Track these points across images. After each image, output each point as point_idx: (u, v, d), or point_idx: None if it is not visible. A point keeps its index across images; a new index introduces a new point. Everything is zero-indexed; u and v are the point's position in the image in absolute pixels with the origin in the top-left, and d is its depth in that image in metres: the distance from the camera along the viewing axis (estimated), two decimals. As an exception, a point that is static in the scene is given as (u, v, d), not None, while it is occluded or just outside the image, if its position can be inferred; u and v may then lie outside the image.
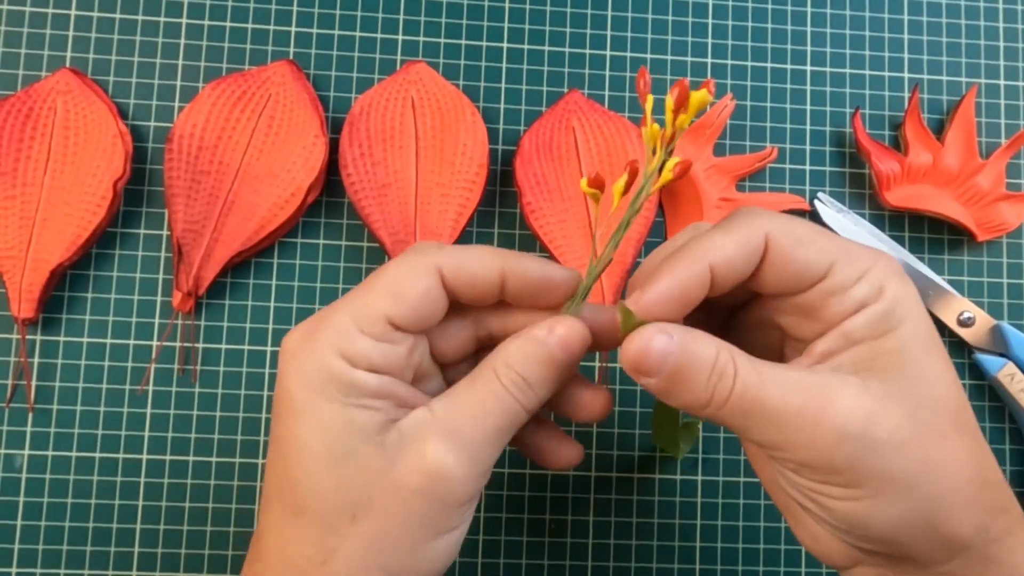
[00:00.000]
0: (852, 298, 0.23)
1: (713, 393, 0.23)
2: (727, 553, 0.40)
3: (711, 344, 0.23)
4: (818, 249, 0.23)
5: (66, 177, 0.38)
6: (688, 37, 0.43)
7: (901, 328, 0.23)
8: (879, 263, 0.23)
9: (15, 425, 0.38)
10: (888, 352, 0.23)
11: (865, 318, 0.23)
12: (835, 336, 0.23)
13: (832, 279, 0.23)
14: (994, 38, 0.45)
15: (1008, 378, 0.41)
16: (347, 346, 0.23)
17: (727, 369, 0.23)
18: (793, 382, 0.23)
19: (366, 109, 0.40)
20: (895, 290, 0.23)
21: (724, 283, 0.24)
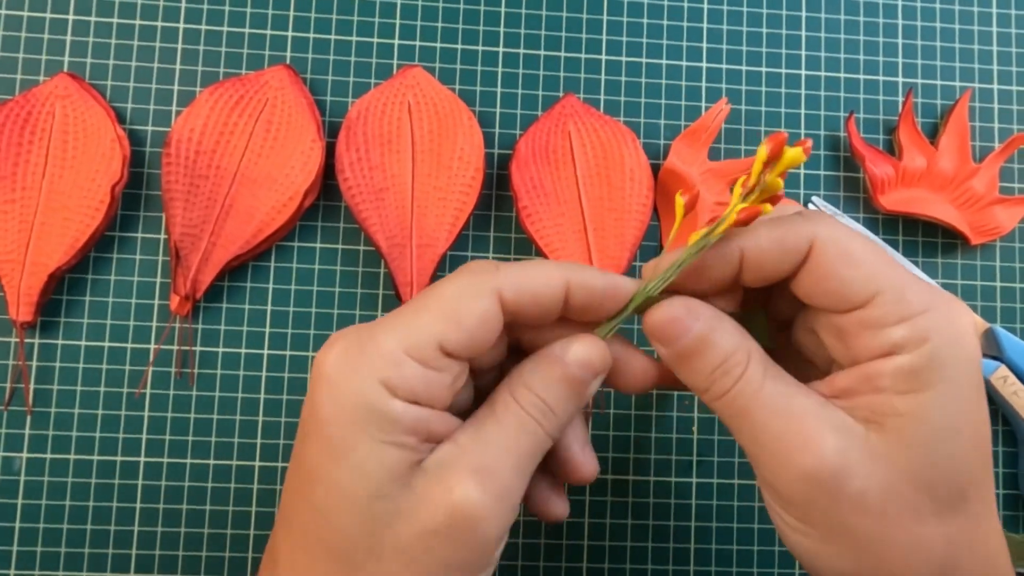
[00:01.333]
0: (887, 339, 0.21)
1: (711, 386, 0.23)
2: (721, 555, 0.40)
3: (733, 338, 0.23)
4: (865, 273, 0.22)
5: (64, 181, 0.39)
6: (683, 42, 0.43)
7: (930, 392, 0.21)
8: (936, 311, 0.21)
9: (13, 428, 0.38)
10: (905, 415, 0.21)
11: (893, 367, 0.21)
12: (857, 375, 0.22)
13: (871, 311, 0.21)
14: (988, 43, 0.45)
15: (1001, 381, 0.41)
16: (391, 373, 0.22)
17: (735, 369, 0.22)
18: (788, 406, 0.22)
19: (363, 113, 0.40)
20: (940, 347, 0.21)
21: (755, 272, 0.23)
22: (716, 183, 0.42)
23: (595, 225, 0.40)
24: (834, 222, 0.23)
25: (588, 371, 0.24)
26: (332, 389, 0.22)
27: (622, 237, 0.40)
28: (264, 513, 0.39)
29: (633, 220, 0.40)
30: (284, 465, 0.39)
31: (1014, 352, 0.41)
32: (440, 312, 0.22)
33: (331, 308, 0.40)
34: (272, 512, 0.39)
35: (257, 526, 0.39)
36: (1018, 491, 0.42)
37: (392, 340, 0.22)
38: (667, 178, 0.42)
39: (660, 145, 0.43)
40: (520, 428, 0.23)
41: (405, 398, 0.22)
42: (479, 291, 0.23)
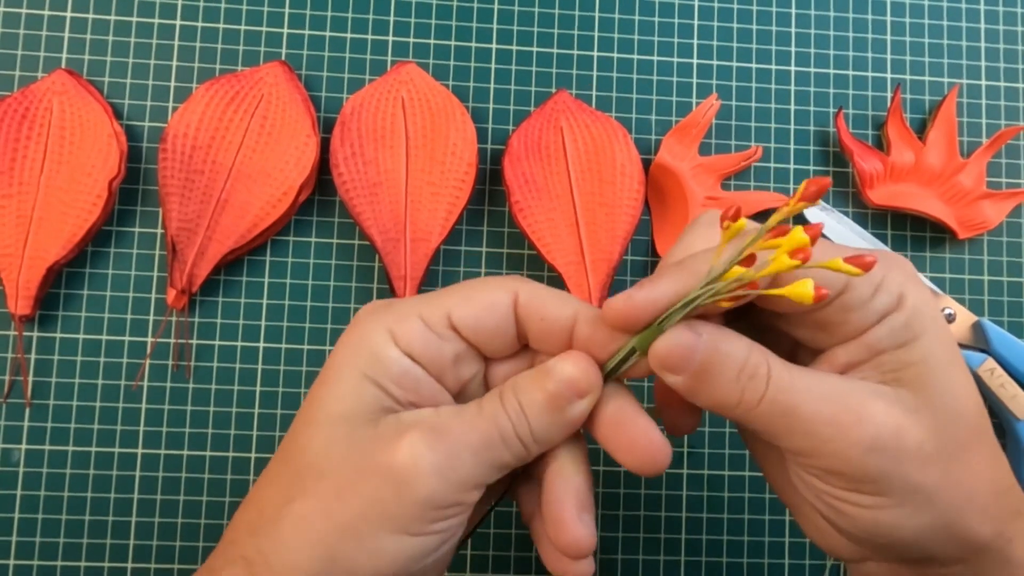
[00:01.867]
0: (872, 311, 0.23)
1: (743, 394, 0.22)
2: (712, 545, 0.41)
3: (743, 344, 0.23)
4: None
5: (62, 176, 0.39)
6: (674, 38, 0.44)
7: (924, 337, 0.23)
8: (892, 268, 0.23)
9: (12, 420, 0.39)
10: (914, 363, 0.23)
11: (888, 328, 0.23)
12: (857, 347, 0.23)
13: (850, 294, 0.23)
14: (975, 39, 0.45)
15: (988, 373, 0.42)
16: (398, 325, 0.24)
17: (759, 370, 0.22)
18: (827, 389, 0.22)
19: (357, 109, 0.41)
20: (914, 297, 0.23)
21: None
22: (707, 178, 0.42)
23: (587, 219, 0.41)
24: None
25: (569, 389, 0.24)
26: (350, 330, 0.25)
27: (613, 231, 0.41)
28: (260, 504, 0.39)
29: (624, 215, 0.41)
30: (280, 456, 0.40)
31: (1001, 345, 0.42)
32: (457, 291, 0.25)
33: (326, 302, 0.41)
34: (268, 503, 0.39)
35: (253, 517, 0.39)
36: (1005, 482, 0.42)
37: (411, 303, 0.25)
38: (658, 173, 0.42)
39: (651, 140, 0.43)
40: (493, 421, 0.23)
41: (403, 349, 0.24)
42: (498, 285, 0.25)
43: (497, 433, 0.23)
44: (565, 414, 0.24)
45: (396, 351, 0.24)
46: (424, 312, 0.24)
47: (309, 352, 0.40)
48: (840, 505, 0.23)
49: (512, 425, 0.24)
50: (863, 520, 0.23)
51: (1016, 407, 0.41)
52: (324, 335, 0.40)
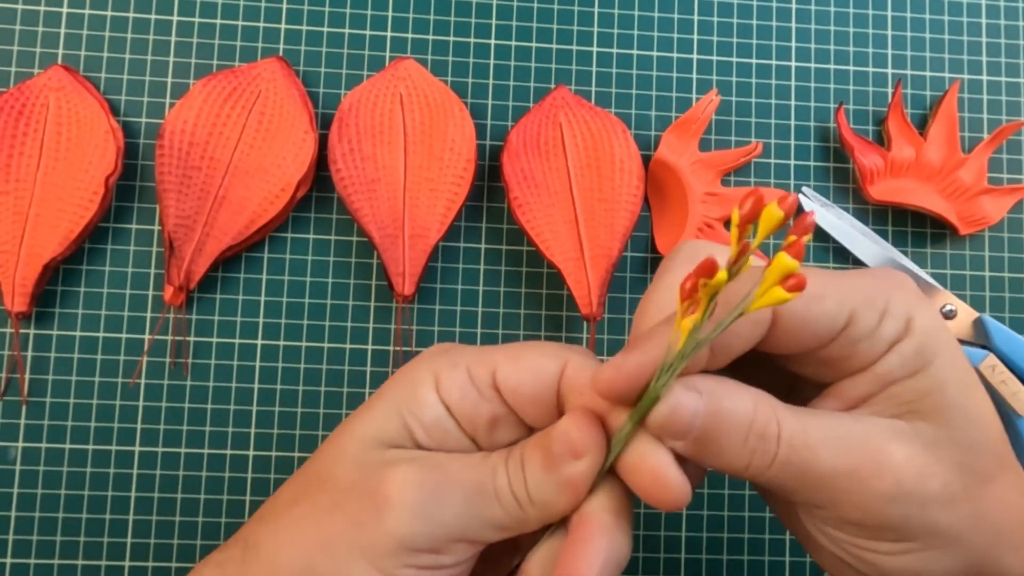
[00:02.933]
0: (880, 339, 0.21)
1: (753, 456, 0.21)
2: (712, 542, 0.41)
3: (748, 399, 0.21)
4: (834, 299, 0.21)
5: (58, 173, 0.39)
6: (674, 33, 0.44)
7: (937, 362, 0.21)
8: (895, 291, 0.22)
9: (9, 418, 0.39)
10: (930, 392, 0.21)
11: (899, 357, 0.21)
12: (867, 379, 0.22)
13: (855, 326, 0.21)
14: (976, 34, 0.45)
15: (990, 369, 0.41)
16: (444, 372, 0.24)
17: (769, 429, 0.21)
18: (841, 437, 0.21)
19: (355, 105, 0.40)
20: (923, 320, 0.21)
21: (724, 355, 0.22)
22: (706, 174, 0.42)
23: (586, 216, 0.41)
24: None
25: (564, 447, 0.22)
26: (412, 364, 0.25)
27: (612, 227, 0.40)
28: (258, 502, 0.39)
29: (623, 211, 0.41)
30: (278, 454, 0.39)
31: (1002, 341, 0.41)
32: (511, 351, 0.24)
33: (324, 298, 0.41)
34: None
35: (252, 514, 0.39)
36: (1006, 479, 0.42)
37: (469, 352, 0.24)
38: (657, 169, 0.42)
39: (651, 136, 0.43)
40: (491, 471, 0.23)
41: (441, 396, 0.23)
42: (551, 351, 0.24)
43: (491, 482, 0.22)
44: (561, 474, 0.22)
45: (433, 396, 0.23)
46: (472, 365, 0.24)
47: (307, 349, 0.40)
48: (863, 554, 0.22)
49: (508, 479, 0.22)
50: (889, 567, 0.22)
51: (1017, 404, 0.41)
52: (322, 332, 0.40)
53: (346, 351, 0.40)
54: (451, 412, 0.24)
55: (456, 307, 0.41)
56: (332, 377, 0.40)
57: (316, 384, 0.40)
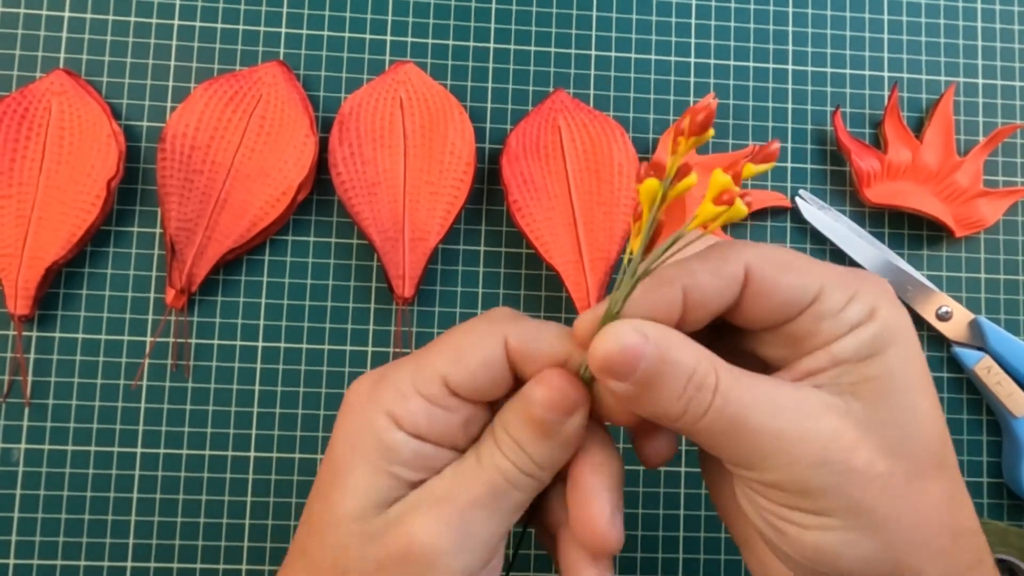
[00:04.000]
0: (844, 320, 0.22)
1: (688, 407, 0.21)
2: (709, 543, 0.41)
3: (692, 350, 0.21)
4: (806, 273, 0.22)
5: (61, 176, 0.39)
6: (672, 37, 0.44)
7: (889, 352, 0.22)
8: (868, 284, 0.22)
9: (12, 420, 0.39)
10: (875, 377, 0.22)
11: (856, 340, 0.22)
12: (821, 356, 0.22)
13: (823, 303, 0.22)
14: (972, 37, 0.45)
15: (985, 371, 0.42)
16: (398, 406, 0.23)
17: (707, 380, 0.21)
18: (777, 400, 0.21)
19: (355, 109, 0.41)
20: (887, 312, 0.22)
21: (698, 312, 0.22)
22: (704, 177, 0.42)
23: (584, 218, 0.41)
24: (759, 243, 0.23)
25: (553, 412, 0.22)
26: (346, 416, 0.24)
27: (611, 230, 0.41)
28: (259, 503, 0.39)
29: (622, 213, 0.41)
30: (279, 455, 0.40)
31: (998, 343, 0.42)
32: (448, 351, 0.23)
33: (324, 301, 0.41)
34: (267, 502, 0.39)
35: (252, 516, 0.39)
36: (1002, 479, 0.42)
37: (405, 375, 0.23)
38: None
39: (649, 139, 0.43)
40: (494, 468, 0.23)
41: (409, 431, 0.23)
42: (486, 335, 0.23)
43: (501, 479, 0.23)
44: (560, 436, 0.23)
45: (402, 435, 0.23)
46: (420, 386, 0.23)
47: (308, 351, 0.40)
48: (782, 525, 0.22)
49: (513, 464, 0.23)
50: (805, 543, 0.22)
51: (1013, 405, 0.41)
52: (322, 334, 0.41)
53: (346, 353, 0.41)
54: (424, 439, 0.23)
55: (456, 309, 0.41)
56: (332, 379, 0.40)
57: (317, 386, 0.40)
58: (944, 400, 0.43)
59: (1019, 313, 0.44)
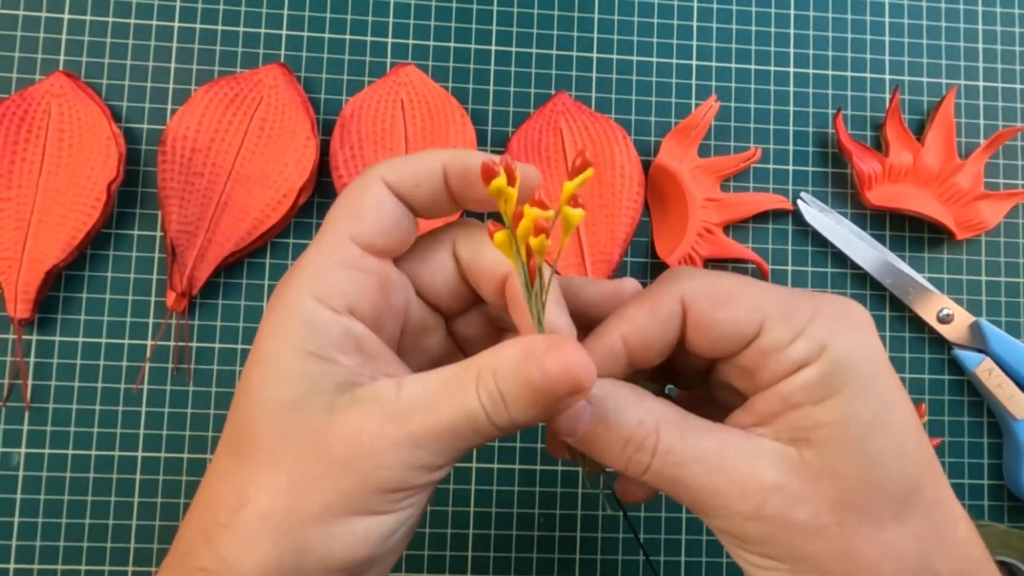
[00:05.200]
0: (789, 358, 0.21)
1: (628, 464, 0.22)
2: (712, 546, 0.41)
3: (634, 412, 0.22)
4: (744, 306, 0.22)
5: (61, 179, 0.39)
6: (673, 40, 0.44)
7: (844, 393, 0.21)
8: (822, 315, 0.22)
9: (12, 424, 0.39)
10: (828, 423, 0.21)
11: (801, 381, 0.21)
12: (771, 398, 0.22)
13: (765, 338, 0.22)
14: (973, 40, 0.46)
15: (986, 373, 0.42)
16: (318, 282, 0.22)
17: (646, 442, 0.22)
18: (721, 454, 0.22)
19: (357, 111, 0.41)
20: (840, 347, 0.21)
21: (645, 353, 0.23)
22: (706, 179, 0.42)
23: (586, 221, 0.41)
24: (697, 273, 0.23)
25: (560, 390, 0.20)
26: (271, 309, 0.23)
27: (613, 233, 0.41)
28: (261, 506, 0.39)
29: (624, 216, 0.41)
30: (280, 459, 0.40)
31: (998, 345, 0.42)
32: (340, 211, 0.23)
33: (326, 304, 0.41)
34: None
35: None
36: (1002, 481, 0.43)
37: (313, 252, 0.23)
38: (657, 175, 0.42)
39: (651, 142, 0.43)
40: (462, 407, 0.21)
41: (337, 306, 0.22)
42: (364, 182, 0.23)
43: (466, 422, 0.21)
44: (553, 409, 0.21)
45: (328, 312, 0.22)
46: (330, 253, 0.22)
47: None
48: (740, 562, 0.23)
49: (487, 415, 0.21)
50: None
51: (1014, 407, 0.41)
52: (324, 337, 0.40)
53: (348, 356, 0.40)
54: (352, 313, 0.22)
55: (457, 312, 0.41)
56: (334, 382, 0.40)
57: (318, 389, 0.40)
58: (945, 402, 0.43)
59: (1020, 315, 0.44)
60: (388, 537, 0.22)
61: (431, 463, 0.21)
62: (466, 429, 0.21)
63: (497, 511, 0.40)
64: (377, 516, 0.21)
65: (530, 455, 0.41)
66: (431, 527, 0.40)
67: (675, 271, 0.24)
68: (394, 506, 0.21)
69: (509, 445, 0.41)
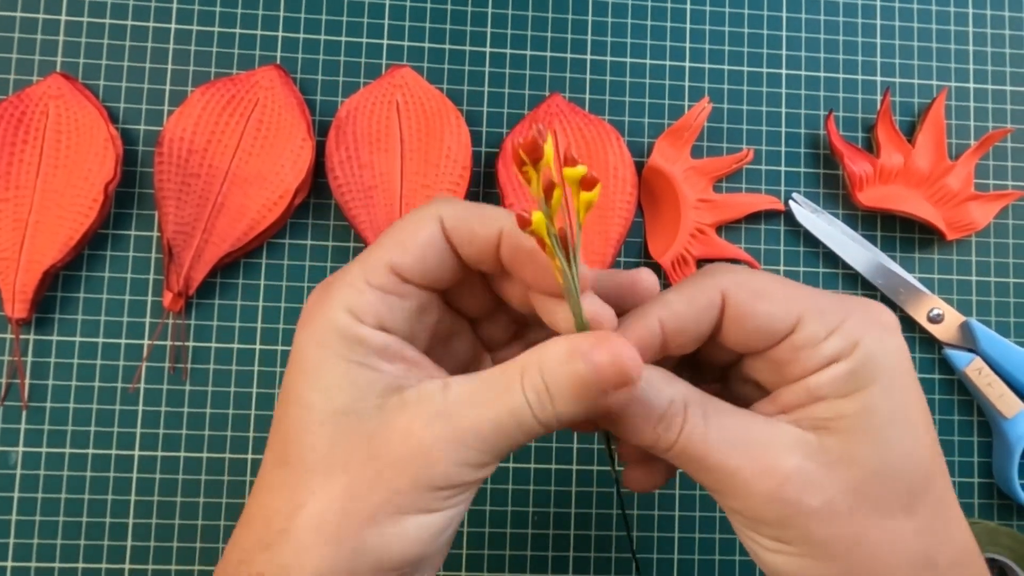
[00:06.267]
0: (821, 354, 0.22)
1: (657, 441, 0.23)
2: (704, 543, 0.41)
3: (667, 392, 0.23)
4: (782, 302, 0.23)
5: (58, 180, 0.39)
6: (666, 41, 0.44)
7: (871, 388, 0.22)
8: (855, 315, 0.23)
9: (9, 423, 0.39)
10: (852, 415, 0.22)
11: (831, 375, 0.22)
12: (799, 390, 0.23)
13: (800, 333, 0.23)
14: (964, 42, 0.46)
15: (976, 372, 0.42)
16: (354, 300, 0.23)
17: (675, 419, 0.23)
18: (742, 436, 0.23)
19: (352, 113, 0.41)
20: (870, 346, 0.22)
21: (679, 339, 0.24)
22: (699, 180, 0.43)
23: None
24: (738, 269, 0.24)
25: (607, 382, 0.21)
26: (306, 321, 0.23)
27: (606, 234, 0.41)
28: (257, 505, 0.39)
29: (617, 217, 0.41)
30: (276, 458, 0.40)
31: (988, 344, 0.42)
32: (389, 240, 0.24)
33: (322, 304, 0.41)
34: (265, 504, 0.40)
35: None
36: (992, 480, 0.43)
37: (356, 271, 0.23)
38: (650, 176, 0.43)
39: (644, 143, 0.44)
40: (507, 405, 0.22)
41: (372, 324, 0.23)
42: (421, 217, 0.24)
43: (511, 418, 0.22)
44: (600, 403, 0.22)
45: (366, 328, 0.22)
46: (370, 277, 0.23)
47: (305, 354, 0.41)
48: (749, 544, 0.24)
49: (531, 408, 0.22)
50: (767, 563, 0.23)
51: (1003, 406, 0.42)
52: (320, 337, 0.41)
53: (344, 356, 0.41)
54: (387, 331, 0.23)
55: (452, 312, 0.42)
56: (330, 381, 0.41)
57: (314, 388, 0.40)
58: (935, 401, 0.43)
59: (1010, 315, 0.44)
60: (439, 536, 0.22)
61: (478, 460, 0.22)
62: (511, 425, 0.22)
63: (491, 509, 0.41)
64: (428, 515, 0.22)
65: (525, 454, 0.41)
66: (426, 525, 0.40)
67: (715, 266, 0.24)
68: (444, 504, 0.22)
69: (503, 444, 0.41)
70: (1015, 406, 0.42)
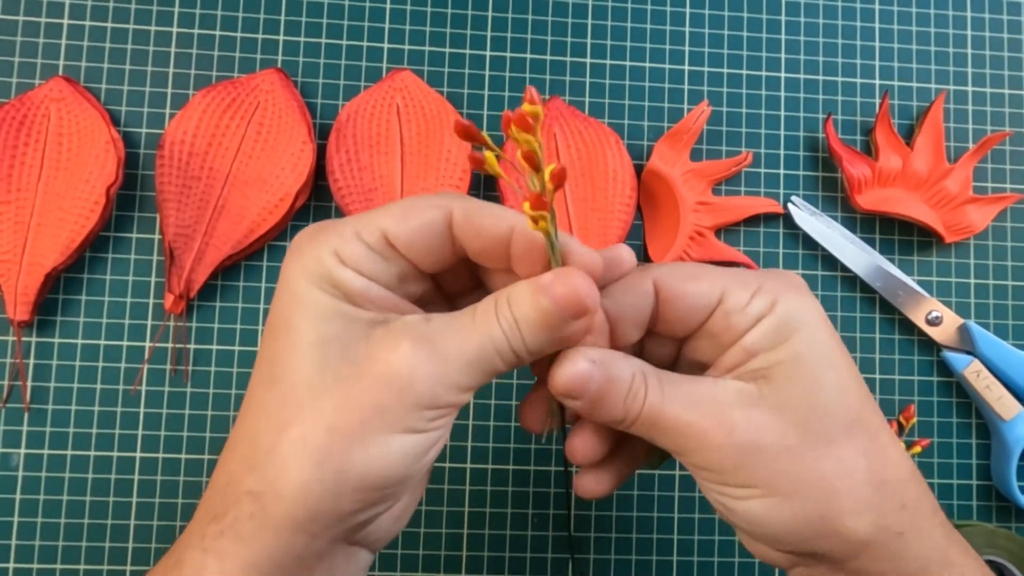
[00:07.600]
0: (748, 314, 0.25)
1: (627, 413, 0.25)
2: (703, 545, 0.41)
3: (628, 367, 0.25)
4: (707, 279, 0.26)
5: (60, 183, 0.39)
6: (666, 45, 0.45)
7: (795, 337, 0.25)
8: (770, 280, 0.26)
9: (11, 425, 0.39)
10: (783, 361, 0.25)
11: (760, 331, 0.25)
12: (737, 350, 0.25)
13: (727, 302, 0.25)
14: (962, 45, 0.46)
15: (974, 375, 0.42)
16: (343, 247, 0.24)
17: (639, 391, 0.25)
18: (693, 396, 0.25)
19: (352, 116, 0.41)
20: (788, 302, 0.25)
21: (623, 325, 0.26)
22: (698, 183, 0.43)
23: (579, 224, 0.41)
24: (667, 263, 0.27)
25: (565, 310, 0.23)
26: (299, 255, 0.24)
27: (605, 236, 0.41)
28: (257, 506, 0.40)
29: (616, 219, 0.41)
30: (277, 460, 0.40)
31: (986, 347, 0.42)
32: (393, 210, 0.25)
33: (322, 306, 0.41)
34: (265, 505, 0.40)
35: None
36: (991, 482, 0.43)
37: (347, 224, 0.24)
38: (650, 179, 0.43)
39: (643, 146, 0.44)
40: (487, 333, 0.24)
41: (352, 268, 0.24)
42: (433, 203, 0.25)
43: (491, 345, 0.24)
44: (560, 332, 0.24)
45: (349, 271, 0.24)
46: (361, 232, 0.24)
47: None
48: (722, 499, 0.25)
49: (506, 338, 0.24)
50: (741, 513, 0.25)
51: (1001, 408, 0.42)
52: (320, 339, 0.41)
53: (344, 358, 0.41)
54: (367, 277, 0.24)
55: (452, 314, 0.42)
56: (330, 384, 0.41)
57: (314, 391, 0.41)
58: (934, 404, 0.44)
59: (1008, 318, 0.44)
60: (421, 457, 0.24)
61: (461, 383, 0.24)
62: (491, 351, 0.24)
63: (491, 511, 0.41)
64: (412, 435, 0.23)
65: (524, 456, 0.41)
66: (426, 527, 0.40)
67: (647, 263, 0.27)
68: (427, 424, 0.23)
69: (503, 446, 0.41)
70: (1013, 408, 0.42)
